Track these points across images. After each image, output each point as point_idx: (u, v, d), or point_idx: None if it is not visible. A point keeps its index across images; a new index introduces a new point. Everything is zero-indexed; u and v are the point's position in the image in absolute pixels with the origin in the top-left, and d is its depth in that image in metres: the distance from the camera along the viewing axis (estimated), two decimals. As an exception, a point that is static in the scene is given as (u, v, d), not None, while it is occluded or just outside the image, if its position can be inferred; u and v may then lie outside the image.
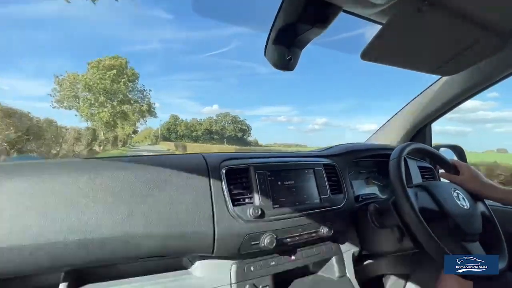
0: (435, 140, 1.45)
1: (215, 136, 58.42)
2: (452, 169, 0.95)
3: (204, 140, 56.84)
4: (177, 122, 62.72)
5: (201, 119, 63.52)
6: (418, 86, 1.34)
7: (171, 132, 61.18)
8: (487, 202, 0.93)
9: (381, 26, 0.64)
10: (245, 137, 60.85)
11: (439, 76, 1.18)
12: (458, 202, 0.81)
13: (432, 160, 1.03)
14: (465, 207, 0.82)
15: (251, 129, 61.48)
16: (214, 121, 61.25)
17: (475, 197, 0.90)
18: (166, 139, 59.08)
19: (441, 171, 1.01)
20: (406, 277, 1.24)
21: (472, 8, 0.61)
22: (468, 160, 1.33)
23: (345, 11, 0.63)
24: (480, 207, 0.89)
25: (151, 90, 33.94)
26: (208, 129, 58.80)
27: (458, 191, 0.85)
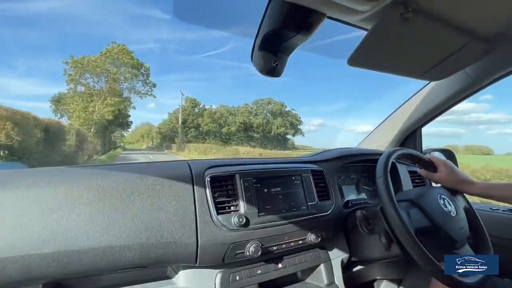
0: (431, 141, 1.45)
1: (255, 135, 34.50)
2: (430, 166, 0.95)
3: (240, 140, 33.78)
4: (197, 111, 35.41)
5: (233, 107, 36.54)
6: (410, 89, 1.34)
7: (188, 125, 34.76)
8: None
9: (366, 32, 0.64)
10: (296, 135, 37.45)
11: (428, 81, 1.18)
12: (446, 210, 0.81)
13: (410, 160, 1.03)
14: (453, 213, 0.82)
15: (302, 123, 37.39)
16: (254, 111, 35.64)
17: (454, 192, 0.90)
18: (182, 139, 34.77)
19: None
20: (397, 283, 1.24)
21: (456, 14, 0.61)
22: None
23: (330, 18, 0.63)
24: (461, 202, 0.91)
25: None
26: (244, 123, 34.25)
27: (444, 196, 0.85)
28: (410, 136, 1.40)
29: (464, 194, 0.93)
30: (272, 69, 0.68)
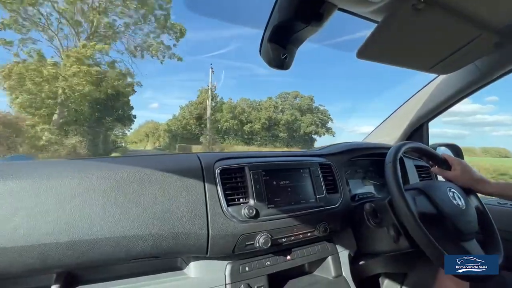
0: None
1: (280, 134, 28.13)
2: (444, 164, 0.95)
3: (263, 139, 27.99)
4: (214, 104, 28.17)
5: (254, 101, 29.44)
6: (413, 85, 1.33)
7: (204, 122, 28.21)
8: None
9: (377, 24, 0.63)
10: (324, 135, 29.91)
11: (436, 75, 1.17)
12: (454, 202, 0.81)
13: (424, 156, 1.03)
14: (461, 206, 0.82)
15: (332, 120, 30.45)
16: (280, 106, 29.32)
17: (467, 191, 0.90)
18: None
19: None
20: (403, 276, 1.24)
21: (469, 5, 0.60)
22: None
23: (340, 9, 0.62)
24: (474, 201, 0.90)
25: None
26: (268, 120, 27.81)
27: (454, 190, 0.85)
28: (417, 131, 1.40)
29: (478, 193, 0.92)
30: (281, 62, 0.67)
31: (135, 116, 20.45)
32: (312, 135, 29.92)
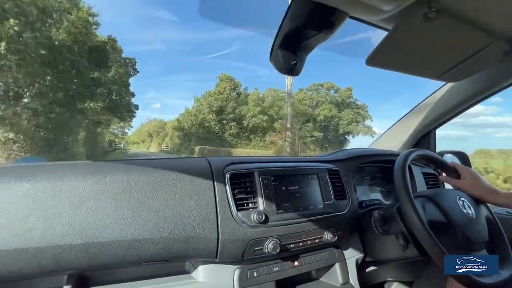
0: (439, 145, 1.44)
1: (315, 133, 22.70)
2: (453, 173, 0.95)
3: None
4: (236, 95, 23.04)
5: (278, 90, 23.79)
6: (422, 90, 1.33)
7: (226, 117, 22.39)
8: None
9: (387, 32, 0.64)
10: (362, 134, 24.19)
11: (444, 82, 1.17)
12: (464, 211, 0.81)
13: (434, 165, 1.02)
14: (471, 215, 0.81)
15: (372, 119, 24.85)
16: (315, 98, 23.78)
17: (477, 200, 0.89)
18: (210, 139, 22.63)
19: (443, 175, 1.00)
20: (410, 284, 1.23)
21: (479, 14, 0.61)
22: None
23: (351, 17, 0.63)
24: (484, 211, 0.89)
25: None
26: (304, 115, 22.80)
27: (463, 199, 0.84)
28: (424, 138, 1.39)
29: (488, 204, 0.92)
30: (291, 68, 0.68)
31: (136, 107, 14.29)
32: (351, 135, 24.31)
